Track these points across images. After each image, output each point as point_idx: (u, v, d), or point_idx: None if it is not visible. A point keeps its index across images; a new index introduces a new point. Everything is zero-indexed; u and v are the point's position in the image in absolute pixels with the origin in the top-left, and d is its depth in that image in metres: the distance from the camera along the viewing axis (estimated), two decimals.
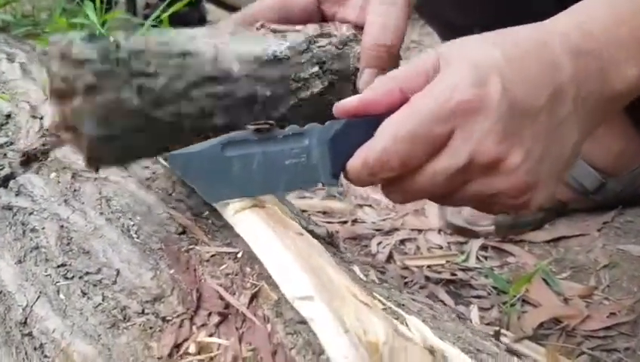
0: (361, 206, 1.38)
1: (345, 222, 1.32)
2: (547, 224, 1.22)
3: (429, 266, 1.16)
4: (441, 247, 1.23)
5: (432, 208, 1.31)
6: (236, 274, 0.48)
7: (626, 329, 0.98)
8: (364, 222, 1.32)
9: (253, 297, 0.46)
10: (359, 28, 0.62)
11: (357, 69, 0.61)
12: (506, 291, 1.04)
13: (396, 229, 1.28)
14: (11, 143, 0.71)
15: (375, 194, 1.40)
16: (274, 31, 0.60)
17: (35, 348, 0.50)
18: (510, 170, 0.48)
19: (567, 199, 1.20)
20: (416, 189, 0.50)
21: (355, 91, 0.61)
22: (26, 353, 0.51)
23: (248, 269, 0.49)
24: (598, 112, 0.52)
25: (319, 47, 0.60)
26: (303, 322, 0.43)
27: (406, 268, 1.16)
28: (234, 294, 0.46)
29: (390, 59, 0.60)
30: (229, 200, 0.53)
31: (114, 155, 0.51)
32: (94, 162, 0.51)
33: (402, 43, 0.61)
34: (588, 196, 1.20)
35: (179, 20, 1.72)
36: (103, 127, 0.48)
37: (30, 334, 0.51)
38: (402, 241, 1.25)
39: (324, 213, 1.36)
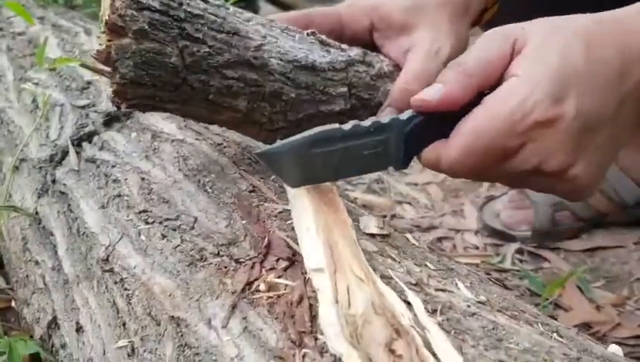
0: (400, 203, 1.42)
1: (384, 217, 1.35)
2: (584, 234, 1.24)
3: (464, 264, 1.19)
4: (477, 248, 1.25)
5: (470, 210, 1.34)
6: None
7: None
8: (402, 218, 1.35)
9: None
10: (398, 67, 0.65)
11: (381, 104, 0.64)
12: (540, 293, 1.06)
13: (434, 227, 1.32)
14: (93, 105, 0.77)
15: (415, 193, 1.44)
16: (321, 42, 0.63)
17: (115, 282, 0.56)
18: (572, 177, 0.51)
19: (606, 211, 1.22)
20: (480, 179, 0.53)
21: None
22: (106, 286, 0.56)
23: None
24: None
25: (356, 71, 0.63)
26: None
27: None
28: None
29: None
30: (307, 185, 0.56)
31: (137, 99, 0.55)
32: (119, 98, 0.55)
33: None
34: (627, 209, 1.21)
35: None
36: (137, 70, 0.52)
37: (111, 270, 0.57)
38: (439, 239, 1.28)
39: (364, 206, 1.40)
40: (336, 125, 0.51)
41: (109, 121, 0.73)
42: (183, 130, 0.69)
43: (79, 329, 0.58)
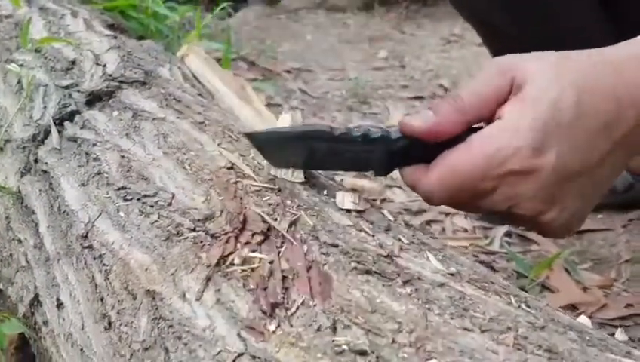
0: (390, 187, 1.42)
1: (374, 200, 1.35)
2: None
3: (452, 247, 1.19)
4: (466, 230, 1.26)
5: None
6: (277, 205, 0.53)
7: None
8: (392, 202, 1.36)
9: (292, 223, 0.51)
10: None
11: None
12: (527, 275, 1.06)
13: (424, 211, 1.32)
14: (76, 85, 0.77)
15: None
16: None
17: (94, 258, 0.56)
18: (543, 223, 0.51)
19: None
20: (454, 208, 0.55)
21: None
22: (85, 262, 0.57)
23: (289, 202, 0.54)
24: (637, 150, 0.52)
25: None
26: (336, 245, 0.48)
27: None
28: (275, 220, 0.51)
29: None
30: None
31: None
32: None
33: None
34: (616, 194, 1.21)
35: None
36: None
37: (90, 246, 0.57)
38: (428, 222, 1.29)
39: (354, 190, 1.40)
40: (328, 126, 0.53)
41: (91, 100, 0.73)
42: (164, 109, 0.69)
43: (60, 305, 0.58)
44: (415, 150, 0.53)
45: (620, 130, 0.49)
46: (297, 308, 0.43)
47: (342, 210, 0.54)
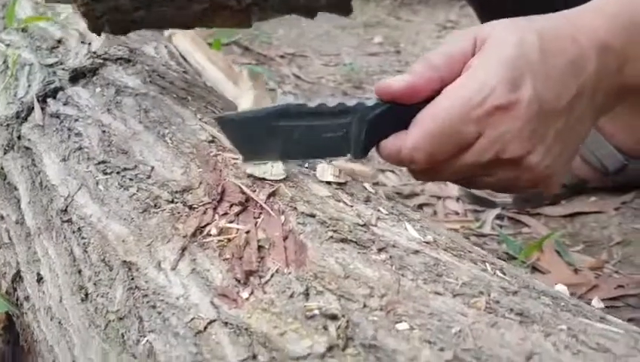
0: (383, 171, 1.41)
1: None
2: (565, 200, 1.24)
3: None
4: (457, 213, 1.25)
5: None
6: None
7: (633, 301, 0.99)
8: (385, 186, 1.35)
9: (271, 194, 0.51)
10: None
11: None
12: (518, 257, 1.06)
13: (416, 194, 1.32)
14: (61, 63, 0.77)
15: None
16: None
17: (73, 232, 0.56)
18: (532, 165, 0.51)
19: (587, 177, 1.21)
20: (441, 176, 0.53)
21: None
22: (64, 236, 0.57)
23: None
24: (611, 102, 0.54)
25: None
26: (313, 215, 0.48)
27: None
28: (254, 191, 0.51)
29: None
30: (262, 162, 0.54)
31: (106, 14, 0.61)
32: (90, 20, 0.61)
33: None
34: (608, 176, 1.20)
35: None
36: None
37: (70, 220, 0.57)
38: (420, 206, 1.28)
39: (347, 174, 1.40)
40: (302, 101, 0.50)
41: (75, 77, 0.73)
42: (148, 85, 0.69)
43: (40, 279, 0.58)
44: (393, 117, 0.51)
45: (586, 71, 0.50)
46: (272, 276, 0.43)
47: (322, 182, 0.54)
